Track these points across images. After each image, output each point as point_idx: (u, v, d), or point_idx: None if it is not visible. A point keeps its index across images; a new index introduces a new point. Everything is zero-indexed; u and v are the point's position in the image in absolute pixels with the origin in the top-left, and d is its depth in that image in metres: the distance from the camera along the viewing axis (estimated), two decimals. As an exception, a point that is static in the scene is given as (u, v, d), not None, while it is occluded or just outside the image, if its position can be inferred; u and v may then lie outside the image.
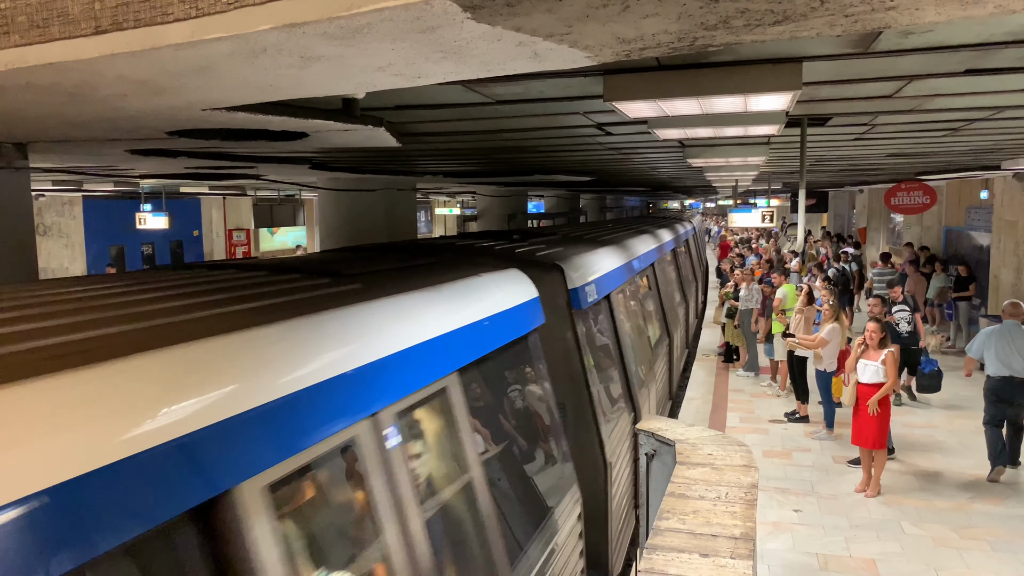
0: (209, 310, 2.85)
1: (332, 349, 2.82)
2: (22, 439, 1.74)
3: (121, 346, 2.22)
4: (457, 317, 3.90)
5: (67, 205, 19.07)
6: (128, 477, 1.88)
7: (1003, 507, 7.91)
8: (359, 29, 1.93)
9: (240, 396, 2.30)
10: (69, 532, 1.73)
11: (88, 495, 1.78)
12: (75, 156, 6.57)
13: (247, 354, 2.48)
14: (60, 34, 2.24)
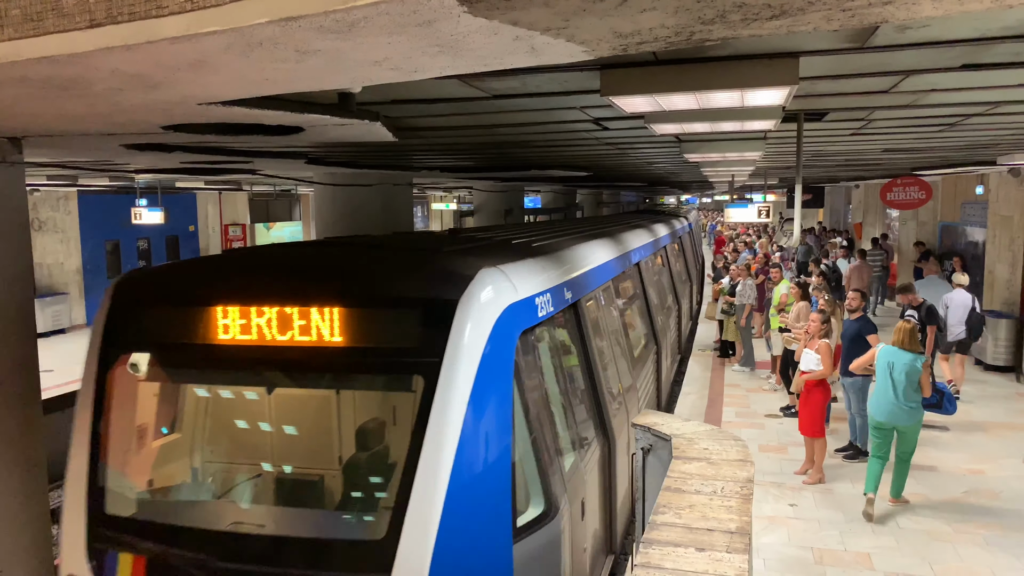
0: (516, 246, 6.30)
1: (610, 248, 8.64)
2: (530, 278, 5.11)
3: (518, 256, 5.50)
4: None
5: (62, 200, 19.02)
6: (550, 293, 5.30)
7: (997, 501, 7.94)
8: (355, 23, 1.92)
9: (594, 255, 7.52)
10: (543, 307, 5.03)
11: (590, 276, 6.83)
12: (70, 151, 6.55)
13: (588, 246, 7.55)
14: (54, 27, 2.23)
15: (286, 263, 5.24)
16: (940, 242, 19.59)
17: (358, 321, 4.30)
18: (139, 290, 4.99)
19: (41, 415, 5.65)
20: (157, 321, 4.79)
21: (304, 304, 4.32)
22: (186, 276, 5.13)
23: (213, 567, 4.26)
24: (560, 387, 5.67)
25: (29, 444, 5.43)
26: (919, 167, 14.76)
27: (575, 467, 5.31)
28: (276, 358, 4.46)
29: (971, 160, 12.44)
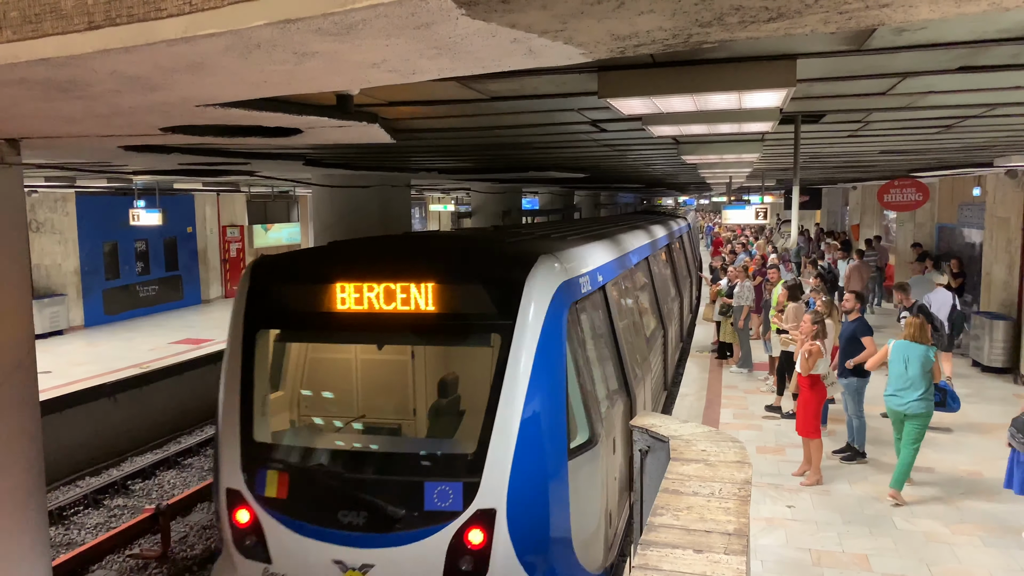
0: (571, 238, 8.73)
1: (630, 240, 10.94)
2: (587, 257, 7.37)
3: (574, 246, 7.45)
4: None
5: (60, 201, 18.99)
6: (629, 261, 9.91)
7: (994, 503, 7.95)
8: (354, 25, 1.92)
9: (618, 246, 9.50)
10: (584, 286, 6.56)
11: (614, 264, 8.65)
12: (68, 152, 6.55)
13: (617, 239, 9.87)
14: (53, 29, 2.23)
15: (385, 250, 6.88)
16: (937, 244, 19.62)
17: (448, 294, 5.85)
18: (271, 271, 6.50)
19: (39, 417, 5.64)
20: (287, 294, 6.33)
21: (406, 281, 5.89)
22: (305, 260, 6.90)
23: (340, 480, 5.83)
24: (597, 350, 7.08)
25: (27, 446, 5.42)
26: (916, 169, 14.79)
27: (607, 413, 6.76)
28: (385, 323, 5.99)
29: (968, 162, 12.46)
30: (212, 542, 10.68)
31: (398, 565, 5.59)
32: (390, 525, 5.64)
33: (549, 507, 5.63)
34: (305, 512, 5.82)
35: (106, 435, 13.86)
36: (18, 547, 5.35)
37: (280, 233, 29.09)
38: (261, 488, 5.94)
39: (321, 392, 7.20)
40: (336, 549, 5.70)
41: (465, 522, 5.48)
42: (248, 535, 5.96)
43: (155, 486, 12.88)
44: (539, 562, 5.53)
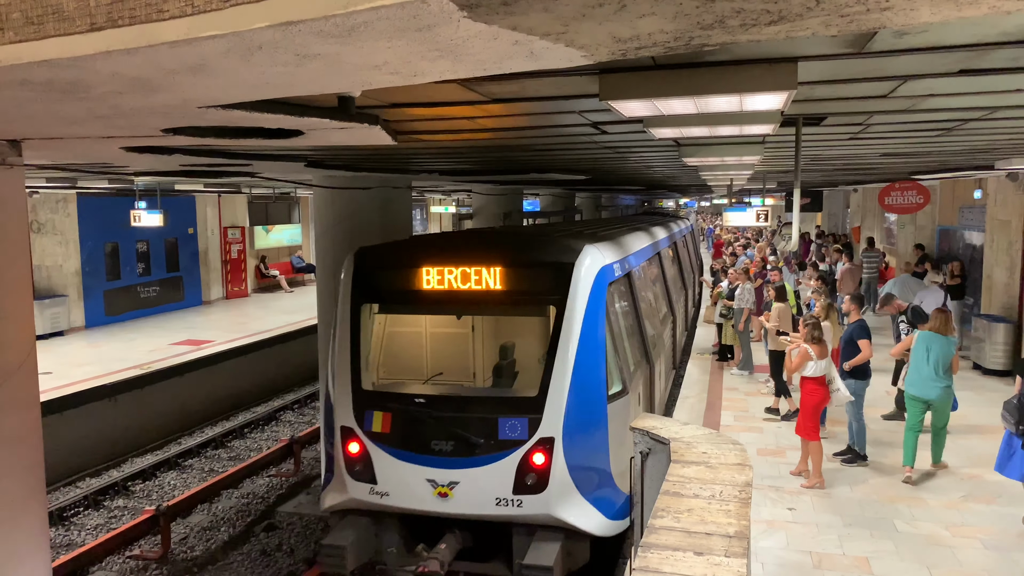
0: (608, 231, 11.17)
1: (646, 237, 12.92)
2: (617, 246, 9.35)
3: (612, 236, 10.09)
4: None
5: (61, 202, 19.00)
6: (646, 253, 11.94)
7: (995, 505, 7.95)
8: (355, 27, 1.93)
9: (639, 241, 11.59)
10: (616, 271, 8.44)
11: (635, 256, 10.62)
12: (70, 153, 6.55)
13: (637, 235, 11.94)
14: (55, 31, 2.23)
15: (460, 242, 8.90)
16: (938, 246, 19.61)
17: (512, 276, 7.68)
18: (369, 259, 8.31)
19: (40, 418, 5.65)
20: (384, 277, 8.19)
21: (478, 266, 7.71)
22: (397, 249, 8.72)
23: (432, 417, 7.45)
24: (626, 323, 8.94)
25: (28, 447, 5.42)
26: (917, 171, 14.78)
27: (634, 372, 8.54)
28: (461, 298, 7.83)
29: (969, 164, 12.46)
30: (212, 544, 10.69)
31: (478, 481, 7.23)
32: (472, 451, 7.29)
33: (593, 438, 7.37)
34: (404, 443, 7.49)
35: (106, 436, 13.86)
36: (18, 548, 5.35)
37: (281, 234, 29.09)
38: (368, 425, 7.65)
39: (412, 351, 9.34)
40: (429, 471, 7.36)
41: (530, 447, 7.19)
42: (358, 462, 7.62)
43: (155, 487, 12.89)
44: (586, 479, 7.23)
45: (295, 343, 19.27)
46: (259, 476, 13.13)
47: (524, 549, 7.16)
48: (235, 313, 22.73)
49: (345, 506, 7.77)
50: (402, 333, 9.31)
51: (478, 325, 9.24)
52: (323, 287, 12.04)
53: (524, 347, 8.95)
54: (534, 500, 7.14)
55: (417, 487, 7.37)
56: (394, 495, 7.49)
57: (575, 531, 7.16)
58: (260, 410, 17.08)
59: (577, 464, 7.19)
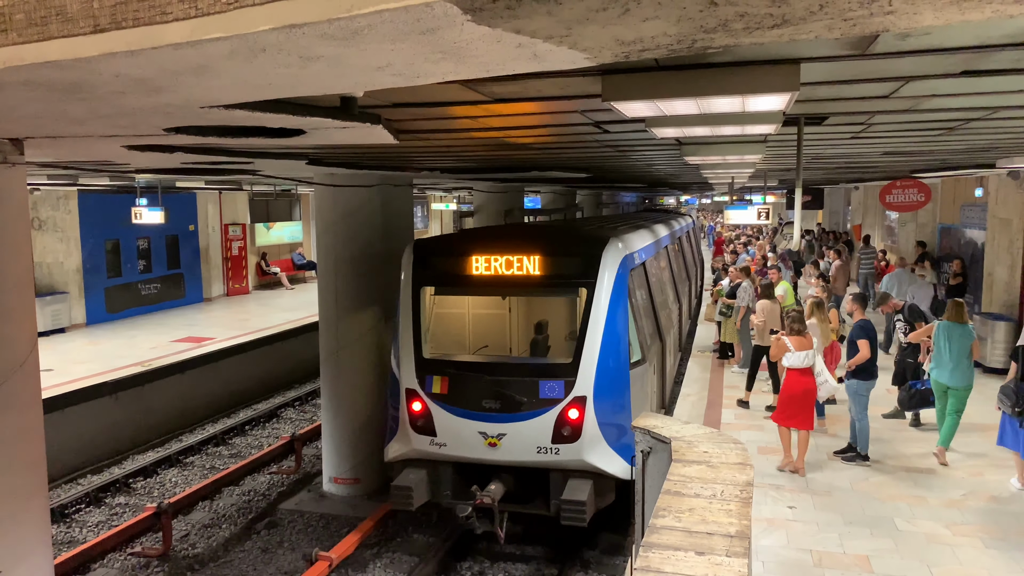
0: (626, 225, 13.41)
1: (657, 231, 14.36)
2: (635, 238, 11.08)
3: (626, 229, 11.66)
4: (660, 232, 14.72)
5: (62, 199, 18.99)
6: (658, 246, 13.54)
7: (996, 504, 7.96)
8: (359, 30, 1.93)
9: (652, 235, 13.21)
10: (634, 260, 10.06)
11: (649, 248, 11.98)
12: (71, 151, 6.55)
13: (650, 230, 13.58)
14: (58, 32, 2.23)
15: (503, 234, 10.31)
16: (939, 244, 19.60)
17: (549, 263, 9.11)
18: (427, 247, 9.87)
19: (41, 416, 5.65)
20: (439, 263, 9.62)
21: (522, 254, 9.14)
22: (450, 240, 10.52)
23: (483, 380, 8.97)
24: (643, 305, 10.47)
25: (29, 445, 5.43)
26: (919, 169, 14.77)
27: (650, 346, 10.15)
28: (506, 282, 9.30)
29: (970, 163, 12.45)
30: (213, 541, 10.71)
31: (522, 433, 8.66)
32: (517, 407, 8.73)
33: (618, 397, 8.80)
34: (460, 401, 8.93)
35: (107, 433, 13.88)
36: (21, 545, 5.36)
37: (282, 231, 29.10)
38: (429, 387, 9.09)
39: (461, 327, 11.08)
40: (481, 424, 8.81)
41: (566, 405, 8.63)
42: (420, 418, 9.07)
43: (156, 484, 12.91)
44: (612, 431, 8.66)
45: (296, 340, 19.28)
46: (260, 473, 13.15)
47: (560, 490, 8.56)
48: (236, 310, 22.74)
49: (408, 456, 9.22)
50: (452, 312, 11.01)
51: (514, 306, 11.01)
52: (324, 284, 12.05)
53: (556, 323, 10.91)
54: (569, 449, 8.58)
55: (470, 438, 8.83)
56: (451, 445, 8.94)
57: (603, 475, 8.56)
58: (261, 407, 17.10)
59: (605, 419, 8.62)
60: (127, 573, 9.88)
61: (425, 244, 9.98)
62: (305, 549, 10.02)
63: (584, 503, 8.28)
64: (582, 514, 8.28)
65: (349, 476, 12.01)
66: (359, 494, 11.96)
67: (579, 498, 8.30)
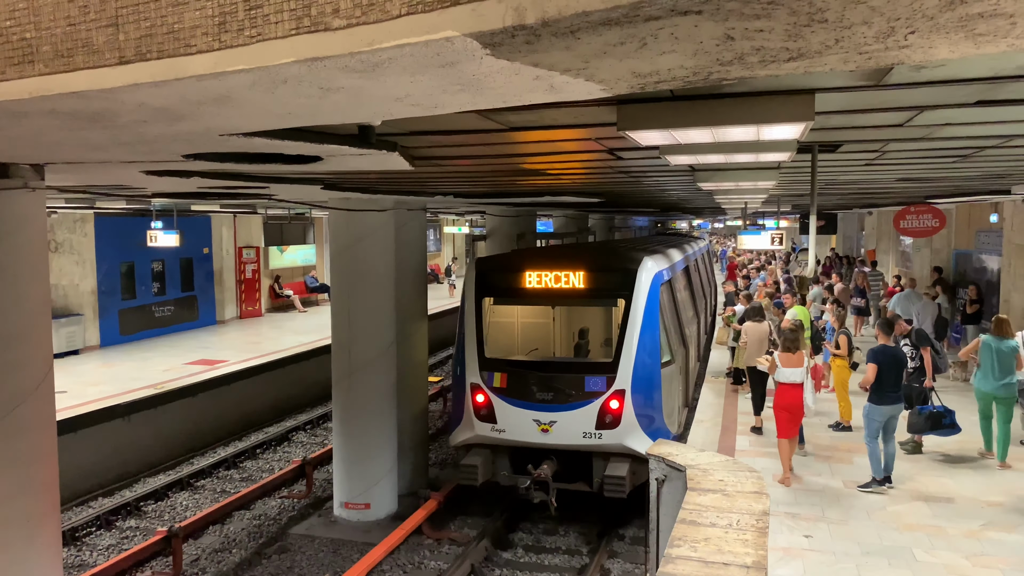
0: (647, 247, 14.30)
1: (679, 253, 15.27)
2: (661, 260, 11.86)
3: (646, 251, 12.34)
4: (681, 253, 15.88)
5: (79, 222, 19.18)
6: (680, 266, 14.36)
7: (1016, 535, 7.84)
8: (380, 63, 1.96)
9: (675, 256, 14.17)
10: (663, 276, 11.43)
11: (674, 267, 13.17)
12: (90, 176, 6.63)
13: (673, 251, 14.59)
14: (84, 64, 2.28)
15: (554, 253, 12.84)
16: (955, 269, 19.50)
17: (593, 278, 10.68)
18: (489, 264, 11.65)
19: (55, 438, 5.68)
20: (499, 277, 11.24)
21: (569, 271, 10.68)
22: (508, 259, 12.18)
23: (537, 376, 10.46)
24: (671, 315, 11.72)
25: (43, 467, 5.45)
26: (933, 195, 14.74)
27: (677, 350, 11.45)
28: (556, 294, 10.85)
29: (985, 189, 12.41)
30: (223, 566, 10.68)
31: (570, 420, 10.17)
32: (566, 399, 10.24)
33: (652, 391, 10.28)
34: (517, 394, 10.44)
35: (119, 456, 13.91)
36: (32, 567, 5.36)
37: (295, 255, 29.25)
38: (491, 382, 10.62)
39: (516, 332, 13.03)
40: (535, 413, 10.30)
41: (607, 396, 10.12)
42: (483, 409, 10.60)
43: (167, 508, 12.90)
44: (646, 420, 10.16)
45: (308, 363, 19.30)
46: (271, 497, 13.12)
47: (603, 469, 10.08)
48: (249, 333, 22.82)
49: (471, 441, 10.78)
50: (505, 321, 12.76)
51: (557, 315, 12.87)
52: (337, 307, 12.08)
53: (595, 329, 12.85)
54: (610, 434, 10.09)
55: (526, 425, 10.32)
56: (509, 431, 10.43)
57: (639, 456, 9.74)
58: (272, 430, 17.10)
59: (641, 409, 10.14)
60: (137, 597, 9.85)
61: (486, 261, 11.79)
62: (315, 575, 9.97)
63: (624, 478, 9.78)
64: (622, 487, 9.77)
65: (360, 501, 11.96)
66: (370, 519, 11.92)
67: (620, 474, 9.81)
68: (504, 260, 12.07)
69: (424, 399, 14.01)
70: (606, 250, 14.41)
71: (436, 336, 23.52)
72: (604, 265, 11.10)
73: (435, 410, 18.01)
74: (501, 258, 12.56)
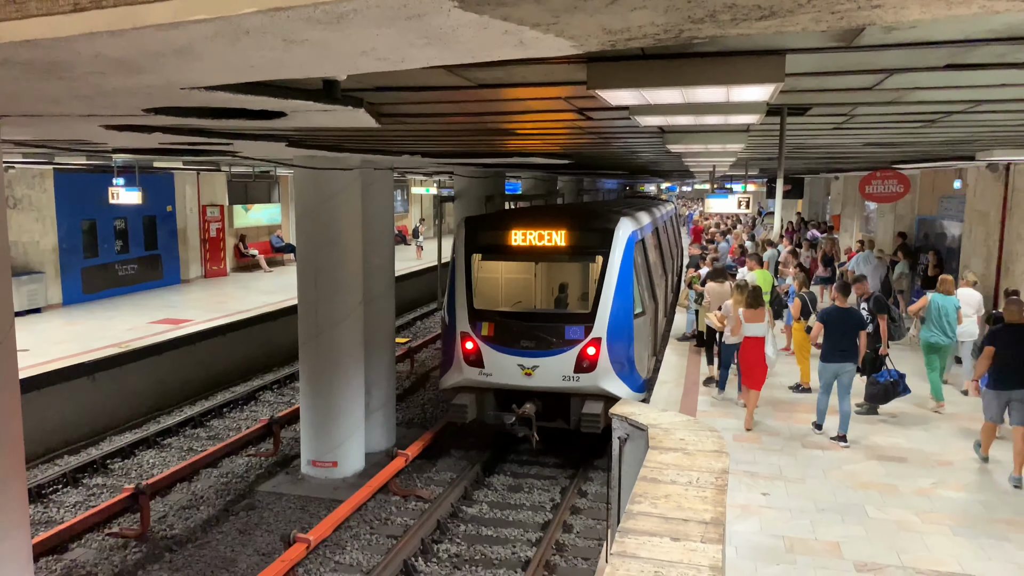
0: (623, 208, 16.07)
1: (650, 216, 16.33)
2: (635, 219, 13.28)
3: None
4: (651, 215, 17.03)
5: (38, 178, 18.70)
6: (651, 228, 15.86)
7: (964, 492, 8.09)
8: (344, 15, 1.91)
9: (647, 219, 15.35)
10: (638, 235, 12.77)
11: (646, 228, 14.64)
12: (48, 130, 6.46)
13: (645, 214, 15.59)
14: (37, 11, 2.19)
15: (537, 214, 14.15)
16: (917, 235, 19.81)
17: (573, 236, 11.74)
18: (477, 223, 12.53)
19: (19, 396, 5.59)
20: (486, 235, 12.16)
21: (552, 230, 11.76)
22: (494, 218, 13.67)
23: (521, 325, 11.48)
24: (643, 271, 12.68)
25: (6, 425, 5.37)
26: (899, 161, 14.90)
27: (647, 304, 12.44)
28: (539, 251, 11.90)
29: (951, 155, 12.58)
30: (191, 523, 10.68)
31: (551, 365, 11.22)
32: (548, 346, 11.27)
33: (625, 339, 11.31)
34: (503, 341, 11.44)
35: (84, 414, 13.76)
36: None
37: (260, 214, 28.86)
38: (479, 330, 11.58)
39: (506, 284, 13.80)
40: (519, 359, 11.33)
41: (585, 343, 11.15)
42: (471, 355, 11.55)
43: (134, 466, 12.83)
44: (620, 365, 11.25)
45: (275, 323, 19.17)
46: (238, 456, 13.10)
47: (580, 408, 11.17)
48: (214, 292, 22.56)
49: (460, 384, 11.73)
50: (490, 276, 13.44)
51: (539, 271, 13.40)
52: (303, 267, 11.98)
53: (580, 282, 13.59)
54: (587, 377, 11.15)
55: (511, 370, 11.34)
56: (495, 375, 11.47)
57: (613, 397, 10.77)
58: (239, 390, 17.01)
59: (615, 355, 11.17)
60: (105, 553, 9.83)
61: (474, 220, 12.76)
62: (283, 531, 10.01)
63: (599, 415, 10.80)
64: (597, 424, 10.80)
65: (328, 459, 11.99)
66: (337, 477, 11.96)
67: (595, 412, 10.90)
68: (492, 219, 13.28)
69: (391, 359, 14.01)
70: (585, 212, 15.71)
71: (403, 298, 23.44)
72: (584, 225, 12.10)
73: (402, 371, 18.02)
74: (489, 217, 13.93)
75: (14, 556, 5.46)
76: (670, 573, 3.78)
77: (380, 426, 13.44)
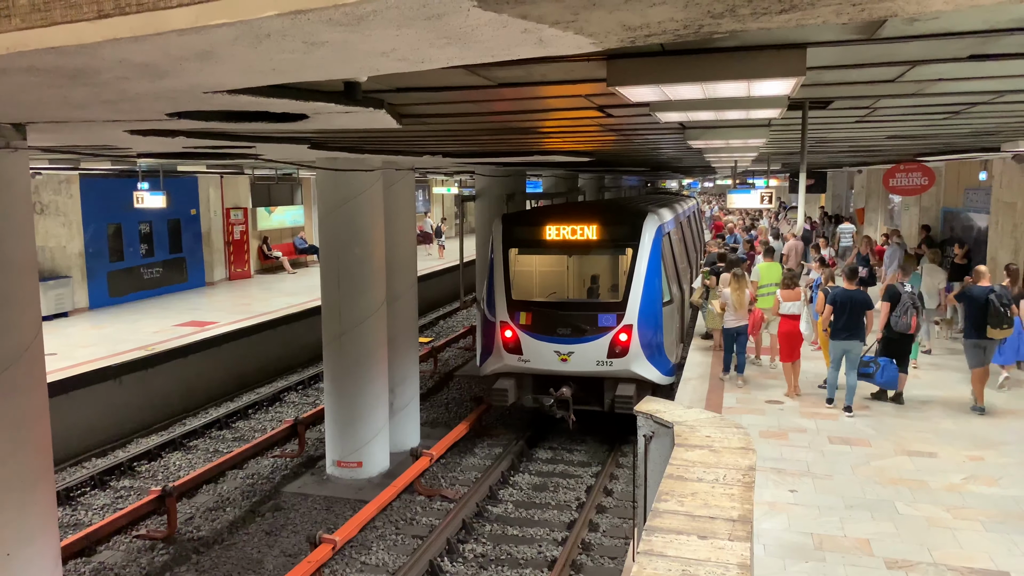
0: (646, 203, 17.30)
1: (675, 211, 17.12)
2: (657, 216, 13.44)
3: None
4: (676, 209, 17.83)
5: (64, 183, 18.96)
6: (676, 222, 16.60)
7: (996, 488, 7.98)
8: (364, 16, 1.92)
9: (672, 213, 16.06)
10: (664, 229, 13.74)
11: (671, 222, 15.28)
12: (74, 135, 6.54)
13: (669, 209, 16.38)
14: (62, 18, 2.22)
15: (572, 209, 15.99)
16: (943, 227, 19.56)
17: (605, 229, 12.77)
18: (513, 219, 13.60)
19: (47, 400, 5.68)
20: (523, 231, 13.19)
21: (584, 224, 12.79)
22: (532, 214, 14.60)
23: (557, 314, 12.42)
24: (670, 262, 13.49)
25: (35, 429, 5.46)
26: (923, 153, 14.72)
27: (675, 293, 13.34)
28: (573, 244, 12.99)
29: (975, 146, 12.41)
30: (217, 524, 10.78)
31: (586, 351, 12.03)
32: (582, 333, 12.09)
33: (655, 326, 12.13)
34: (540, 329, 12.25)
35: (112, 417, 13.94)
36: (28, 527, 5.40)
37: (283, 215, 29.06)
38: (517, 320, 12.41)
39: (542, 276, 14.77)
40: (556, 345, 12.16)
41: (617, 330, 11.95)
42: (510, 342, 12.41)
43: (161, 468, 12.97)
44: (650, 351, 12.05)
45: (299, 324, 19.30)
46: (264, 457, 13.21)
47: (613, 391, 12.07)
48: (238, 294, 22.75)
49: (500, 370, 12.65)
50: (525, 269, 14.26)
51: (571, 264, 14.61)
52: (326, 268, 12.05)
53: (611, 274, 14.66)
54: (619, 362, 11.96)
55: (548, 356, 12.17)
56: (533, 361, 12.32)
57: (644, 381, 11.97)
58: (264, 391, 17.15)
59: (645, 341, 11.99)
60: (132, 555, 9.95)
61: (511, 217, 13.86)
62: (309, 532, 10.08)
63: (632, 397, 11.57)
64: (630, 405, 11.18)
65: (352, 460, 12.06)
66: (362, 477, 12.02)
67: (628, 394, 11.76)
68: (527, 216, 14.36)
69: (415, 358, 14.06)
70: (614, 207, 16.81)
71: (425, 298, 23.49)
72: (614, 219, 13.03)
73: (425, 370, 18.07)
74: (524, 214, 14.96)
75: (43, 558, 5.54)
76: (698, 571, 3.76)
77: (404, 426, 13.49)
